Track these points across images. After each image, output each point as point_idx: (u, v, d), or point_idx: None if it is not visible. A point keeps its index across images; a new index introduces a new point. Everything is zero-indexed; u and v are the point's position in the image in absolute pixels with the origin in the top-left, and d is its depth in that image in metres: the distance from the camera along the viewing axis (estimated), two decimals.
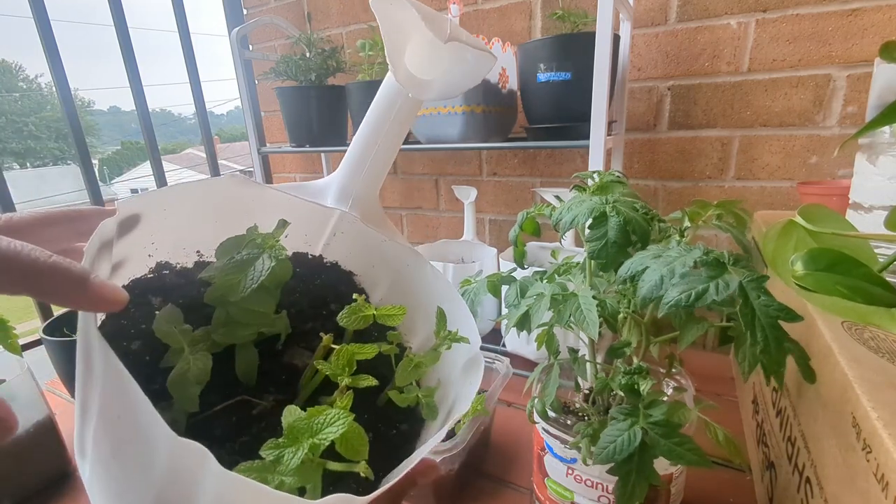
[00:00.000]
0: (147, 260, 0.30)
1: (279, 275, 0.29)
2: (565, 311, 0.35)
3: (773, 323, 0.27)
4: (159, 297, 0.29)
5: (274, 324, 0.29)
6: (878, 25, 0.68)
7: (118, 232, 0.26)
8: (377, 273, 0.37)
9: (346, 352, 0.27)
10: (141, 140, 1.09)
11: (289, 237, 0.35)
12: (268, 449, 0.22)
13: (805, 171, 0.77)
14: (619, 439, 0.31)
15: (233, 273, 0.27)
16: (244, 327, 0.28)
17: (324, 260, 0.37)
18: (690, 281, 0.28)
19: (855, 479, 0.27)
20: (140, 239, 0.29)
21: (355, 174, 0.35)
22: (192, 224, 0.31)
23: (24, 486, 0.57)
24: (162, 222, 0.29)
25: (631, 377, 0.34)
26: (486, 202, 1.05)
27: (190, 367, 0.24)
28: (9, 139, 31.83)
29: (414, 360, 0.31)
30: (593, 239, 0.34)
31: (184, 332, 0.26)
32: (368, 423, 0.29)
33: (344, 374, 0.27)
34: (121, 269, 0.28)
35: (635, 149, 0.88)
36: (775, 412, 0.46)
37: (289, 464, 0.21)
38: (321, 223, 0.36)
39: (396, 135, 0.34)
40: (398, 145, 0.35)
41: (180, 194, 0.29)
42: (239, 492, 0.18)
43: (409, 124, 0.34)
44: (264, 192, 0.33)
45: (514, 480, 0.57)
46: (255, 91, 1.09)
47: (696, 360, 0.83)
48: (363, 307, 0.31)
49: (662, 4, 0.80)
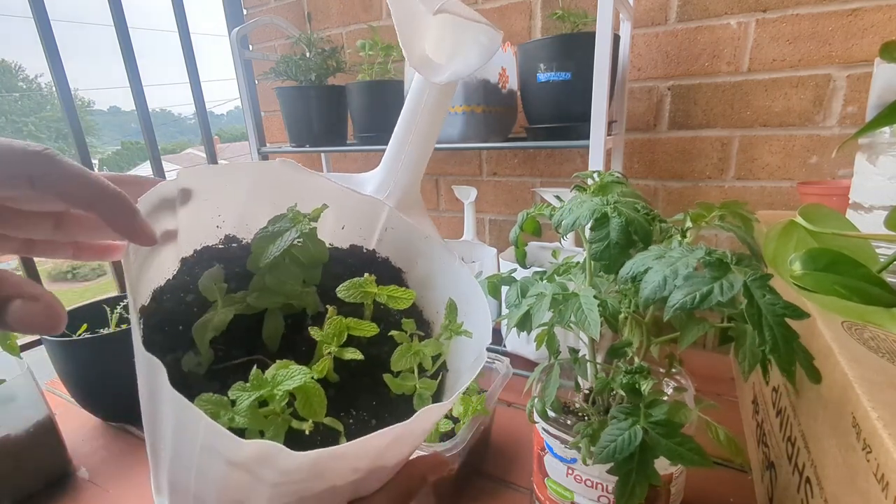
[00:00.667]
0: (216, 231, 0.34)
1: (314, 254, 0.31)
2: (566, 312, 0.35)
3: (780, 321, 0.27)
4: (223, 264, 0.32)
5: (301, 297, 0.31)
6: (878, 25, 0.68)
7: (180, 198, 0.30)
8: (419, 270, 0.38)
9: (338, 322, 0.28)
10: (141, 140, 1.09)
11: (346, 229, 0.38)
12: (234, 390, 0.24)
13: (805, 171, 0.77)
14: (619, 438, 0.31)
15: (263, 242, 0.30)
16: (273, 295, 0.30)
17: (376, 255, 0.38)
18: (694, 282, 0.28)
19: (855, 479, 0.27)
20: (208, 210, 0.33)
21: (392, 168, 0.36)
22: (253, 203, 0.34)
23: (24, 486, 0.57)
24: (225, 197, 0.33)
25: (632, 377, 0.34)
26: (486, 202, 1.05)
27: (214, 318, 0.28)
28: None
29: (413, 347, 0.31)
30: (596, 240, 0.34)
31: (221, 290, 0.29)
32: (375, 409, 0.29)
33: (331, 343, 0.28)
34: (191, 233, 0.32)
35: (635, 149, 0.88)
36: (775, 412, 0.46)
37: (242, 404, 0.23)
38: (373, 218, 0.37)
39: (428, 125, 0.35)
40: (433, 136, 0.35)
41: (235, 172, 0.33)
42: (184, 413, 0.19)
43: (440, 114, 0.35)
44: (312, 178, 0.34)
45: (514, 480, 0.57)
46: (255, 91, 1.09)
47: (696, 360, 0.83)
48: (366, 283, 0.31)
49: (662, 4, 0.80)
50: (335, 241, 0.38)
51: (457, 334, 0.32)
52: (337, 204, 0.35)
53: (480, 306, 0.32)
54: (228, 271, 0.31)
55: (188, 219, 0.31)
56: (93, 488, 0.59)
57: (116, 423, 0.71)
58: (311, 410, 0.24)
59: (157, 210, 0.28)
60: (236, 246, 0.34)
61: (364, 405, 0.29)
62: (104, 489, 0.59)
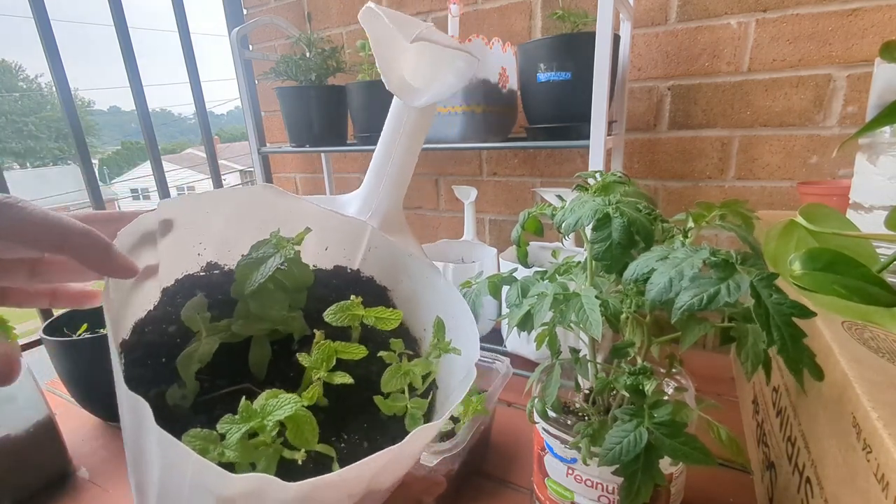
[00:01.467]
0: (198, 259, 0.33)
1: (299, 278, 0.31)
2: (568, 312, 0.35)
3: (787, 321, 0.27)
4: (205, 291, 0.32)
5: (287, 322, 0.30)
6: (878, 25, 0.68)
7: (160, 230, 0.30)
8: (404, 288, 0.38)
9: (327, 347, 0.28)
10: (141, 140, 1.09)
11: (329, 250, 0.38)
12: (223, 423, 0.23)
13: (805, 170, 0.77)
14: (625, 440, 0.31)
15: (247, 269, 0.29)
16: (259, 321, 0.30)
17: (360, 274, 0.39)
18: (701, 284, 0.28)
19: (855, 479, 0.27)
20: (189, 238, 0.32)
21: (374, 187, 0.36)
22: (234, 228, 0.34)
23: (24, 486, 0.57)
24: (206, 225, 0.33)
25: (636, 378, 0.34)
26: (486, 202, 1.05)
27: (198, 348, 0.27)
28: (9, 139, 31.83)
29: (403, 368, 0.31)
30: (597, 241, 0.34)
31: (204, 320, 0.29)
32: (367, 431, 0.29)
33: (320, 369, 0.27)
34: (172, 262, 0.32)
35: (635, 149, 0.88)
36: (775, 412, 0.46)
37: (231, 437, 0.22)
38: (356, 237, 0.38)
39: (408, 147, 0.35)
40: (413, 157, 0.36)
41: (217, 199, 0.33)
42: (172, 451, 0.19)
43: (419, 136, 0.35)
44: (296, 202, 0.35)
45: (514, 480, 0.57)
46: (255, 91, 1.09)
47: (696, 360, 0.83)
48: (353, 306, 0.31)
49: (662, 4, 0.80)
50: (319, 263, 0.38)
51: (445, 352, 0.32)
52: (319, 226, 0.35)
53: (467, 322, 0.32)
54: (211, 299, 0.31)
55: (169, 249, 0.31)
56: (93, 488, 0.59)
57: (116, 423, 0.71)
58: (303, 439, 0.24)
59: (138, 245, 0.28)
60: (218, 272, 0.34)
61: (355, 428, 0.29)
62: (104, 489, 0.59)
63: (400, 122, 0.34)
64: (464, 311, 0.33)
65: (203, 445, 0.22)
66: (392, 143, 0.35)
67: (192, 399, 0.27)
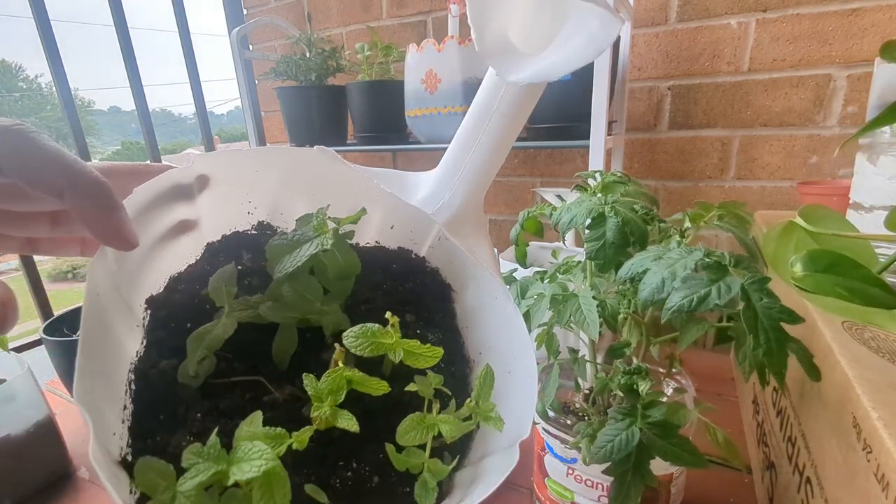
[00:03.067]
0: (247, 217, 0.30)
1: (344, 266, 0.27)
2: (566, 312, 0.35)
3: (774, 325, 0.27)
4: (251, 253, 0.28)
5: (320, 313, 0.27)
6: (878, 25, 0.68)
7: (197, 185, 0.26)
8: (470, 296, 0.32)
9: (338, 377, 0.23)
10: (141, 140, 1.09)
11: (395, 229, 0.33)
12: (188, 455, 0.19)
13: (805, 171, 0.77)
14: (616, 439, 0.31)
15: (279, 250, 0.26)
16: (288, 308, 0.26)
17: (426, 263, 0.33)
18: (692, 285, 0.28)
19: (855, 480, 0.27)
20: (237, 195, 0.29)
21: (451, 174, 0.30)
22: (288, 192, 0.30)
23: (24, 486, 0.57)
24: (253, 184, 0.29)
25: (630, 377, 0.34)
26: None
27: (212, 329, 0.24)
28: None
29: (427, 421, 0.24)
30: (591, 239, 0.34)
31: (230, 295, 0.26)
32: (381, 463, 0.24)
33: (325, 403, 0.22)
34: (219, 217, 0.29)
35: (635, 149, 0.88)
36: (775, 412, 0.46)
37: (184, 484, 0.18)
38: (427, 221, 0.31)
39: (502, 131, 0.28)
40: (506, 143, 0.29)
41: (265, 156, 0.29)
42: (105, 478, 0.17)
43: (519, 118, 0.28)
44: (354, 173, 0.28)
45: (514, 480, 0.57)
46: (255, 91, 1.09)
47: (696, 360, 0.83)
48: (383, 334, 0.25)
49: (662, 4, 0.80)
50: (382, 240, 0.33)
51: (484, 421, 0.25)
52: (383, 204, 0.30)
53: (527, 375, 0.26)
54: (255, 264, 0.28)
55: (214, 203, 0.28)
56: (93, 488, 0.59)
57: None
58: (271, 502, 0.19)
59: (165, 199, 0.25)
60: (270, 234, 0.30)
61: (369, 457, 0.24)
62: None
63: (494, 98, 0.27)
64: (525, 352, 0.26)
65: (151, 483, 0.18)
66: (481, 122, 0.28)
67: (203, 379, 0.24)
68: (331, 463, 0.24)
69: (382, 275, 0.31)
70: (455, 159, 0.29)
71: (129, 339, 0.25)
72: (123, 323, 0.25)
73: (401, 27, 1.03)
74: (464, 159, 0.29)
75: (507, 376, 0.26)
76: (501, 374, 0.26)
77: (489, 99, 0.27)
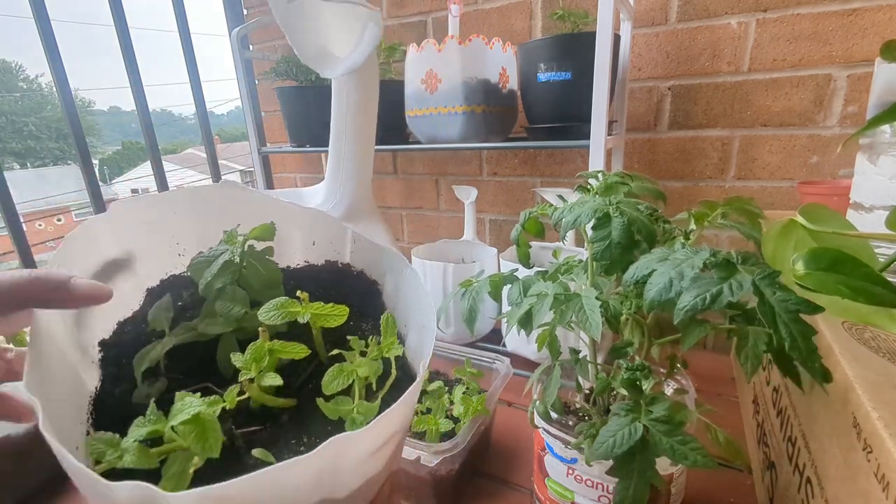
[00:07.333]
0: (178, 259, 0.33)
1: (266, 276, 0.31)
2: (568, 312, 0.35)
3: (794, 317, 0.27)
4: (190, 291, 0.32)
5: (251, 321, 0.29)
6: (878, 25, 0.68)
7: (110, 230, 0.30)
8: (389, 281, 0.36)
9: (259, 347, 0.27)
10: (141, 140, 1.09)
11: (317, 245, 0.37)
12: (135, 426, 0.22)
13: (805, 170, 0.77)
14: (618, 434, 0.30)
15: (198, 268, 0.30)
16: (224, 320, 0.30)
17: (351, 268, 0.37)
18: (703, 284, 0.28)
19: (856, 479, 0.27)
20: (165, 240, 0.32)
21: (335, 177, 0.36)
22: (211, 227, 0.33)
23: (25, 486, 0.57)
24: (176, 225, 0.33)
25: (633, 373, 0.34)
26: (487, 202, 1.05)
27: (153, 348, 0.28)
28: (9, 139, 31.84)
29: (345, 369, 0.28)
30: (597, 240, 0.34)
31: (168, 320, 0.29)
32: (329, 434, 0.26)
33: (250, 370, 0.26)
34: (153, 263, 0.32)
35: (635, 149, 0.88)
36: (776, 412, 0.46)
37: (129, 440, 0.21)
38: (340, 231, 0.37)
39: (359, 126, 0.34)
40: (367, 136, 0.34)
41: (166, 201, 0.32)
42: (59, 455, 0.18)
43: (367, 112, 0.34)
44: (259, 197, 0.34)
45: (514, 480, 0.57)
46: (256, 91, 1.09)
47: (696, 360, 0.83)
48: (291, 304, 0.29)
49: (663, 4, 0.80)
50: (310, 259, 0.37)
51: (385, 354, 0.30)
52: (298, 221, 0.34)
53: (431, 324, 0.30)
54: (193, 299, 0.31)
55: (146, 249, 0.31)
56: None
57: None
58: (204, 445, 0.22)
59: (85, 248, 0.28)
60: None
61: (319, 430, 0.27)
62: None
63: (342, 102, 0.33)
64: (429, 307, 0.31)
65: (102, 449, 0.21)
66: (342, 126, 0.34)
67: (157, 396, 0.27)
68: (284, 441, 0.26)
69: (314, 284, 0.35)
70: (335, 162, 0.35)
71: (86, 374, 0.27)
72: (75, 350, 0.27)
73: (401, 27, 1.03)
74: (340, 160, 0.35)
75: (422, 329, 0.31)
76: (417, 328, 0.31)
77: (339, 104, 0.33)
